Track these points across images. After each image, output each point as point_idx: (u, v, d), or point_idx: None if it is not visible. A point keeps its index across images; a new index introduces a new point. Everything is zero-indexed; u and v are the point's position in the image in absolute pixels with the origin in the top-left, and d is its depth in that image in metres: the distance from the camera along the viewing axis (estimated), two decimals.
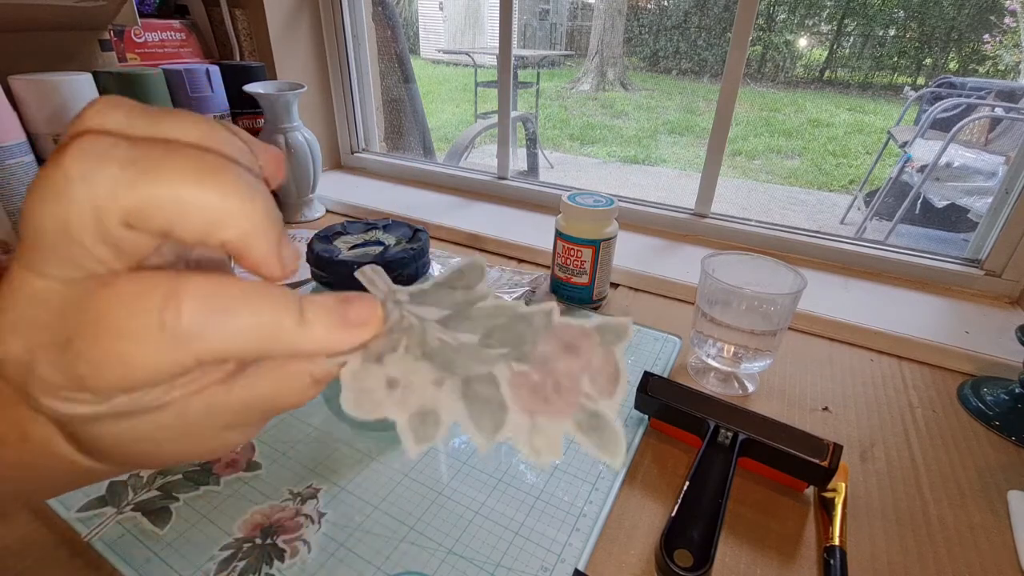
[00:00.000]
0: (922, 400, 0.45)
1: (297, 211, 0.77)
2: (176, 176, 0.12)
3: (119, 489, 0.34)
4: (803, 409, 0.43)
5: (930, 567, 0.31)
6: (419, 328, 0.16)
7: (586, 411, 0.15)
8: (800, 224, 0.69)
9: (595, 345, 0.16)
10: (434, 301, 0.17)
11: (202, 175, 0.12)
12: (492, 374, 0.15)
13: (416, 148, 1.33)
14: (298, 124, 0.71)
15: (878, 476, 0.37)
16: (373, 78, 0.95)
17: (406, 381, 0.15)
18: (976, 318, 0.54)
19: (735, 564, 0.31)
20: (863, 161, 3.37)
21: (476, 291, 0.17)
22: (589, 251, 0.53)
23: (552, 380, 0.15)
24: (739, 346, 0.43)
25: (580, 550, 0.31)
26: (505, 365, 0.16)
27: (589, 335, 0.16)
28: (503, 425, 0.15)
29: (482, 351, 0.16)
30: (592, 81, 5.26)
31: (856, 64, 5.41)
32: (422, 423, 0.15)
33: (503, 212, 0.79)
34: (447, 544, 0.31)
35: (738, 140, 3.75)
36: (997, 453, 0.40)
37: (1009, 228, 0.56)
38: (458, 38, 6.53)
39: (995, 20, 4.37)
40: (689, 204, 0.73)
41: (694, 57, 5.64)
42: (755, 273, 0.44)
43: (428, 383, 0.15)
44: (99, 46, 0.66)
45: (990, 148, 1.87)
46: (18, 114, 0.53)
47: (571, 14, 6.34)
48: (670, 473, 0.37)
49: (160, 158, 0.12)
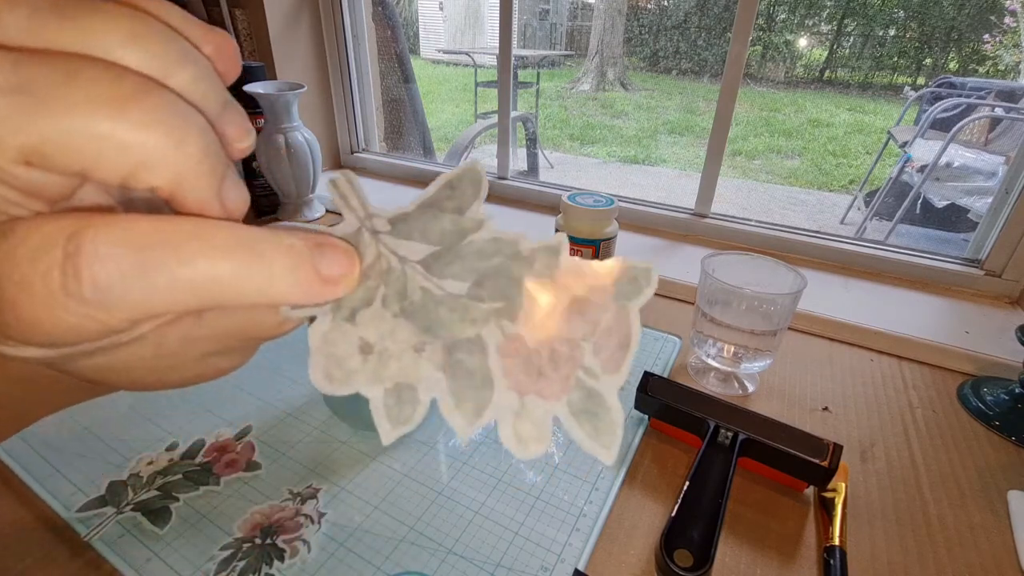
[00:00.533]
0: (922, 400, 0.45)
1: (297, 211, 0.77)
2: (82, 106, 0.09)
3: (119, 489, 0.34)
4: (803, 409, 0.43)
5: (930, 567, 0.31)
6: (399, 273, 0.13)
7: (583, 389, 0.13)
8: (800, 224, 0.69)
9: (608, 300, 0.13)
10: (419, 231, 0.13)
11: (117, 104, 0.10)
12: (480, 338, 0.13)
13: (416, 148, 1.33)
14: (298, 124, 0.71)
15: (878, 476, 0.37)
16: (373, 78, 0.95)
17: (382, 346, 0.13)
18: (976, 318, 0.54)
19: (735, 564, 0.31)
20: (863, 161, 3.37)
21: (469, 216, 0.14)
22: (589, 251, 0.53)
23: (549, 348, 0.13)
24: (739, 346, 0.43)
25: (580, 550, 0.31)
26: (496, 326, 0.13)
27: (603, 286, 0.13)
28: (487, 406, 0.13)
29: (471, 305, 0.13)
30: (592, 81, 5.26)
31: (856, 64, 5.41)
32: (398, 401, 0.13)
33: (503, 212, 0.79)
34: (447, 544, 0.31)
35: (738, 140, 3.75)
36: (997, 453, 0.40)
37: (1009, 228, 0.56)
38: (458, 38, 6.53)
39: (995, 20, 4.37)
40: (689, 204, 0.73)
41: (694, 57, 5.64)
42: (755, 273, 0.44)
43: (407, 348, 0.13)
44: None
45: (990, 148, 1.87)
46: None
47: (571, 14, 6.34)
48: (670, 473, 0.37)
49: (63, 81, 0.09)
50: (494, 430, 0.41)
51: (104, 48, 0.10)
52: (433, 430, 0.40)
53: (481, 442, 0.39)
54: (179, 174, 0.11)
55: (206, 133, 0.11)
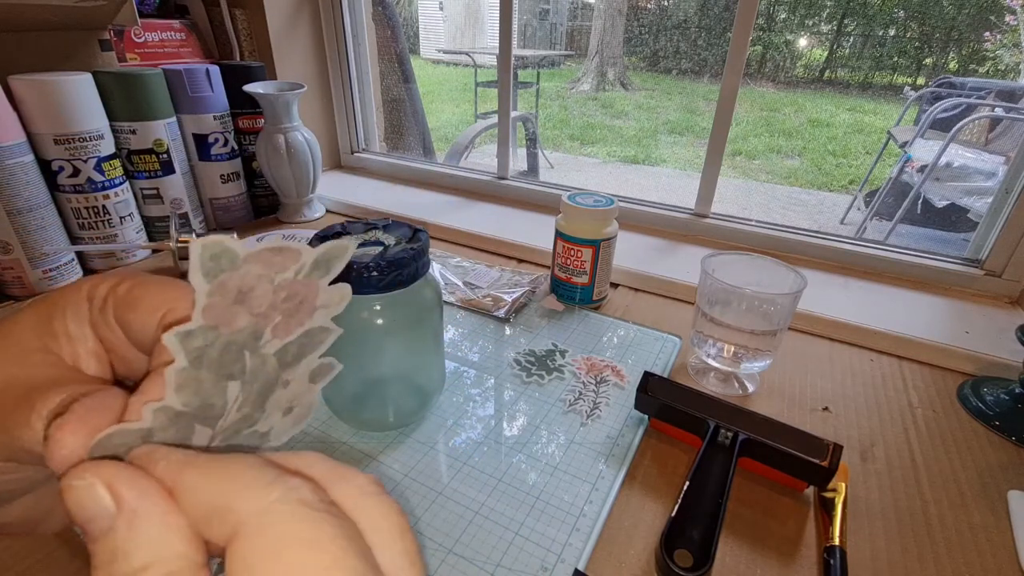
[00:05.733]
0: (922, 400, 0.45)
1: (297, 211, 0.77)
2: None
3: None
4: (803, 409, 0.43)
5: (930, 567, 0.31)
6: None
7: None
8: (800, 224, 0.69)
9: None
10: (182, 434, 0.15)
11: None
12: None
13: (416, 148, 1.33)
14: (298, 124, 0.71)
15: (878, 476, 0.37)
16: (373, 78, 0.95)
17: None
18: (976, 318, 0.54)
19: (735, 564, 0.31)
20: (863, 161, 3.37)
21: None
22: (589, 251, 0.53)
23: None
24: (739, 346, 0.43)
25: (580, 550, 0.31)
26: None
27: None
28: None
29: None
30: (592, 81, 5.26)
31: (856, 64, 5.41)
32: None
33: (503, 212, 0.79)
34: (447, 544, 0.31)
35: (738, 140, 3.75)
36: (997, 453, 0.40)
37: (1009, 228, 0.56)
38: (458, 38, 6.53)
39: (995, 20, 4.37)
40: (689, 204, 0.73)
41: (694, 57, 5.64)
42: (755, 273, 0.44)
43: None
44: (99, 46, 0.66)
45: (990, 148, 1.87)
46: (18, 114, 0.53)
47: (571, 14, 6.34)
48: (670, 473, 0.37)
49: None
50: (494, 430, 0.40)
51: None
52: (433, 430, 0.40)
53: (481, 442, 0.39)
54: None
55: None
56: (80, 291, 0.17)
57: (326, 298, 0.17)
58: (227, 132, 0.71)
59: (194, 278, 0.13)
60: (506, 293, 0.57)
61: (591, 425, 0.41)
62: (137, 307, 0.16)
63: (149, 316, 0.16)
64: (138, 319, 0.16)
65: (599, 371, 0.46)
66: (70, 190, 0.57)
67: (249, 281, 0.14)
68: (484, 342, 0.51)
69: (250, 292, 0.14)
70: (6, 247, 0.54)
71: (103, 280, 0.17)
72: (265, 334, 0.15)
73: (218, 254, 0.13)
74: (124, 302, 0.17)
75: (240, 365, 0.15)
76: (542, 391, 0.44)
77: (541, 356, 0.48)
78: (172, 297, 0.16)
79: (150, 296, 0.16)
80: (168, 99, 0.65)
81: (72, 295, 0.17)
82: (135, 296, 0.17)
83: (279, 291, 0.15)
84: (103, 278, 0.17)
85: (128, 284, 0.17)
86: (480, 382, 0.45)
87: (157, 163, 0.64)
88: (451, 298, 0.57)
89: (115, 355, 0.17)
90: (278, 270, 0.15)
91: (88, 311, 0.17)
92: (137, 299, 0.16)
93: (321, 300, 0.17)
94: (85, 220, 0.59)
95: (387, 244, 0.36)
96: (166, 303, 0.16)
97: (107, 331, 0.17)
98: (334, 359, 0.18)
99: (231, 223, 0.75)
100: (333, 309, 0.17)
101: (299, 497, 0.12)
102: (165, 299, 0.16)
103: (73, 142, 0.56)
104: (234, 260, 0.14)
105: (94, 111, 0.58)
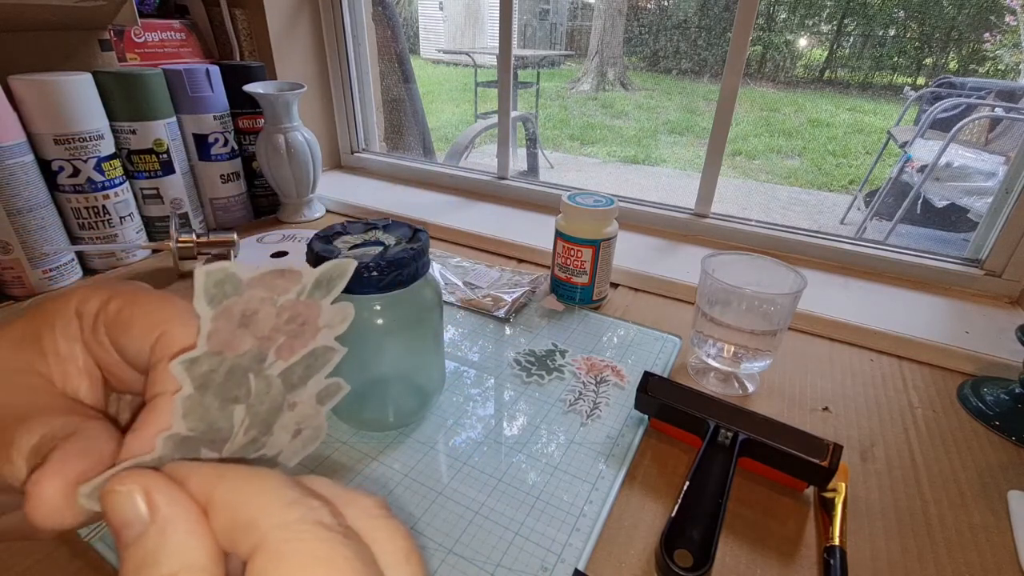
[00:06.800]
0: (922, 400, 0.45)
1: (297, 211, 0.77)
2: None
3: None
4: (803, 409, 0.43)
5: (930, 567, 0.31)
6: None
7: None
8: (800, 224, 0.69)
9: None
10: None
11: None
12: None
13: (416, 148, 1.33)
14: (298, 124, 0.71)
15: (878, 476, 0.37)
16: (373, 78, 0.95)
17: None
18: (976, 318, 0.54)
19: (735, 564, 0.31)
20: (863, 161, 3.37)
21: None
22: (589, 251, 0.53)
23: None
24: (739, 346, 0.43)
25: (580, 550, 0.31)
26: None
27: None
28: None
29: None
30: (592, 81, 5.26)
31: (856, 64, 5.41)
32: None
33: (503, 212, 0.79)
34: (447, 544, 0.31)
35: (738, 140, 3.75)
36: (997, 453, 0.40)
37: (1009, 228, 0.56)
38: (458, 38, 6.53)
39: (995, 20, 4.37)
40: (689, 204, 0.73)
41: (694, 57, 5.64)
42: (755, 273, 0.44)
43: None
44: (99, 46, 0.66)
45: (990, 148, 1.87)
46: (18, 114, 0.53)
47: (571, 14, 6.34)
48: (670, 473, 0.37)
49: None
50: (494, 430, 0.40)
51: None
52: (433, 430, 0.40)
53: (481, 442, 0.39)
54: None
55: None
56: (68, 306, 0.16)
57: (328, 317, 0.17)
58: (227, 132, 0.71)
59: (199, 305, 0.13)
60: (506, 293, 0.57)
61: (591, 425, 0.41)
62: (129, 330, 0.16)
63: (142, 340, 0.16)
64: (132, 344, 0.16)
65: (599, 371, 0.46)
66: (70, 190, 0.57)
67: (253, 305, 0.14)
68: (484, 342, 0.51)
69: (254, 316, 0.14)
70: (6, 247, 0.54)
71: (92, 294, 0.17)
72: (269, 356, 0.15)
73: (222, 280, 0.14)
74: (116, 323, 0.16)
75: (245, 388, 0.15)
76: (542, 391, 0.44)
77: (541, 356, 0.48)
78: (165, 318, 0.16)
79: (142, 317, 0.16)
80: (168, 99, 0.65)
81: (61, 309, 0.16)
82: (126, 317, 0.16)
83: (282, 313, 0.15)
84: (92, 291, 0.17)
85: (118, 303, 0.16)
86: (480, 382, 0.45)
87: (157, 163, 0.64)
88: (451, 298, 0.57)
89: (108, 372, 0.17)
90: (281, 292, 0.15)
91: (79, 329, 0.16)
92: (129, 321, 0.16)
93: (324, 320, 0.17)
94: (85, 220, 0.59)
95: (387, 244, 0.36)
96: (159, 325, 0.16)
97: (100, 350, 0.16)
98: (341, 379, 0.18)
99: (231, 223, 0.75)
100: (336, 328, 0.17)
101: (318, 518, 0.12)
102: (158, 320, 0.16)
103: (73, 142, 0.56)
104: (238, 286, 0.14)
105: (94, 111, 0.58)
